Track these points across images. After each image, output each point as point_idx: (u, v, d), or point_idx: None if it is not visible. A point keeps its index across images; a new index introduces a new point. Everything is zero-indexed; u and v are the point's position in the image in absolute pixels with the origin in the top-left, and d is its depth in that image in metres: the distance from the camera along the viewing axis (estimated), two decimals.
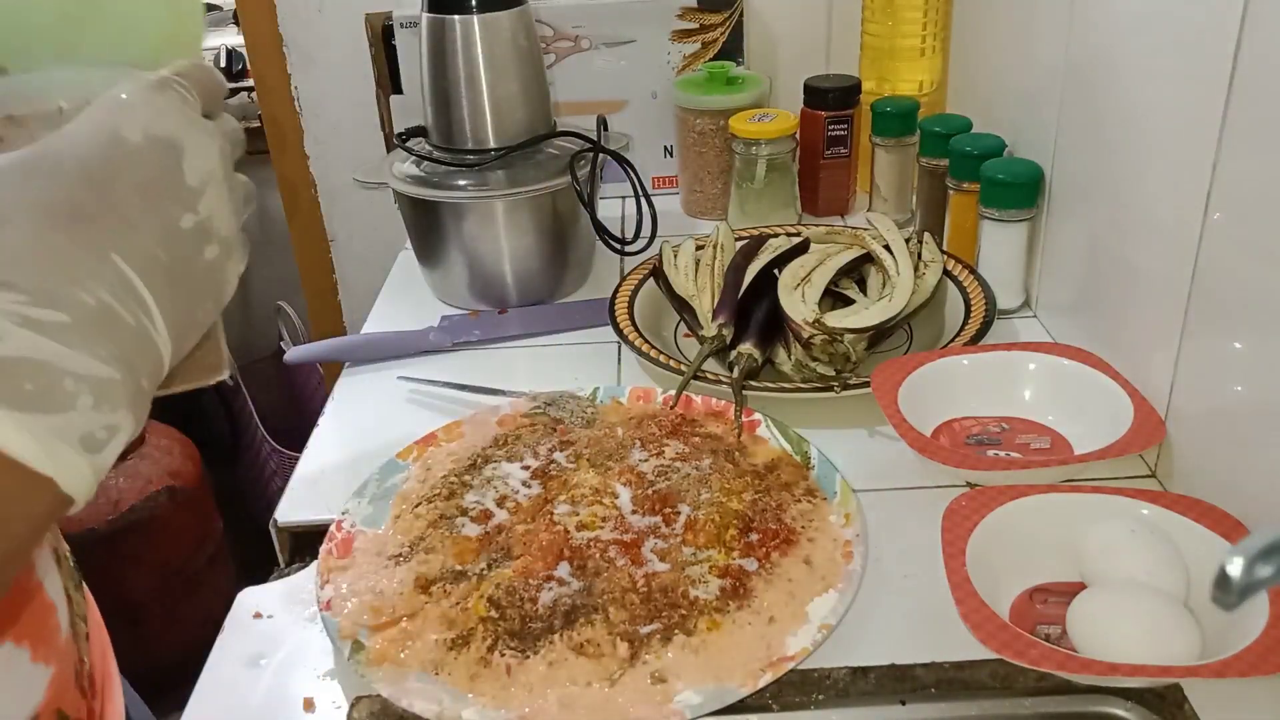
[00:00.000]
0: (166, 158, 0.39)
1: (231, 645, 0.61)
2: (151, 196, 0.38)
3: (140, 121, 0.39)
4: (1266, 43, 0.55)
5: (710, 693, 0.54)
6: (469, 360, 0.91)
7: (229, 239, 0.41)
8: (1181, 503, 0.59)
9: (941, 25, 1.08)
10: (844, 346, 0.77)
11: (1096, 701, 0.54)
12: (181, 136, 0.39)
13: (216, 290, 0.41)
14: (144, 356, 0.36)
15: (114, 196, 0.37)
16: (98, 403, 0.34)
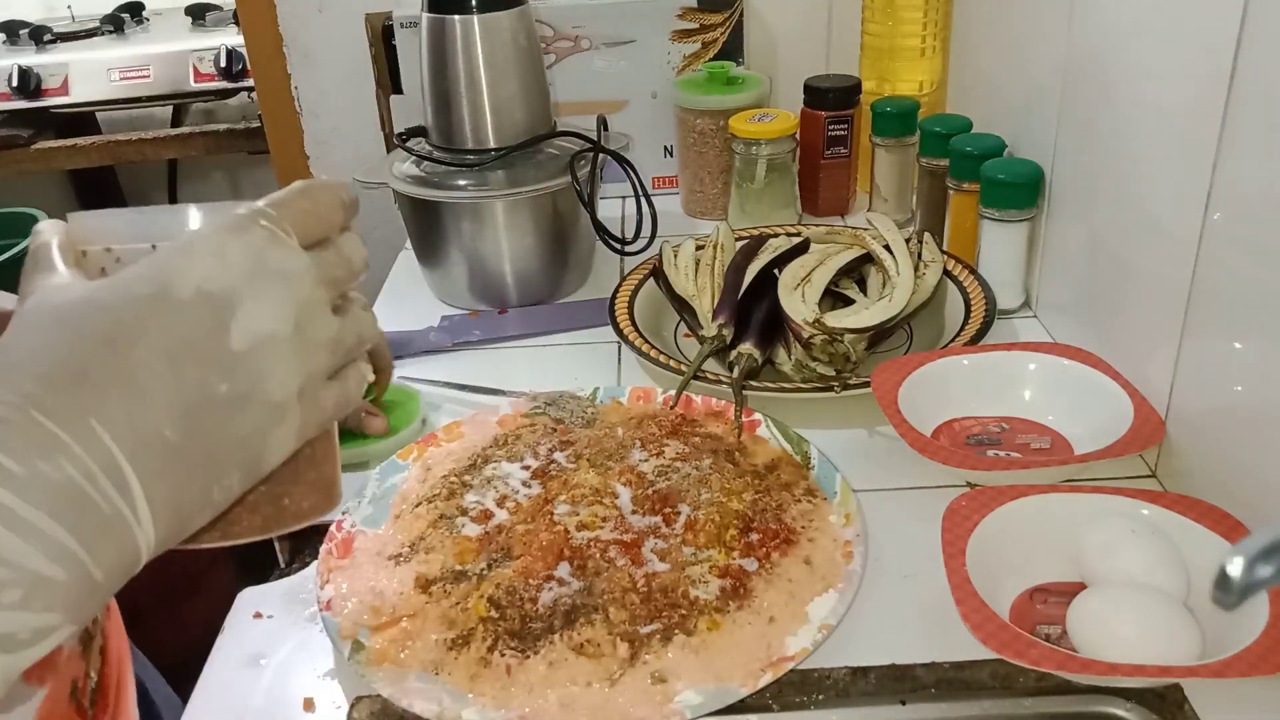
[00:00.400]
0: (213, 317, 0.35)
1: (231, 645, 0.61)
2: (176, 364, 0.34)
3: (198, 273, 0.35)
4: (1266, 43, 0.55)
5: (710, 693, 0.54)
6: (469, 360, 0.91)
7: (281, 403, 0.37)
8: (1181, 503, 0.59)
9: (941, 25, 1.08)
10: (844, 346, 0.77)
11: (1096, 701, 0.54)
12: (241, 292, 0.36)
13: (250, 462, 0.37)
14: (108, 545, 0.32)
15: (131, 360, 0.33)
16: (27, 600, 0.30)
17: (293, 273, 0.37)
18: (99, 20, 2.18)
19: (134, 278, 0.35)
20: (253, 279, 0.36)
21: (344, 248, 0.40)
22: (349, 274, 0.40)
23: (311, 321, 0.38)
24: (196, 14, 2.18)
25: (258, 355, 0.36)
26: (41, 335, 0.34)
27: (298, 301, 0.37)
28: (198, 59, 2.01)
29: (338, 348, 0.39)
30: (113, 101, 2.04)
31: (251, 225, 0.37)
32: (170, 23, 2.23)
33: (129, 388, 0.33)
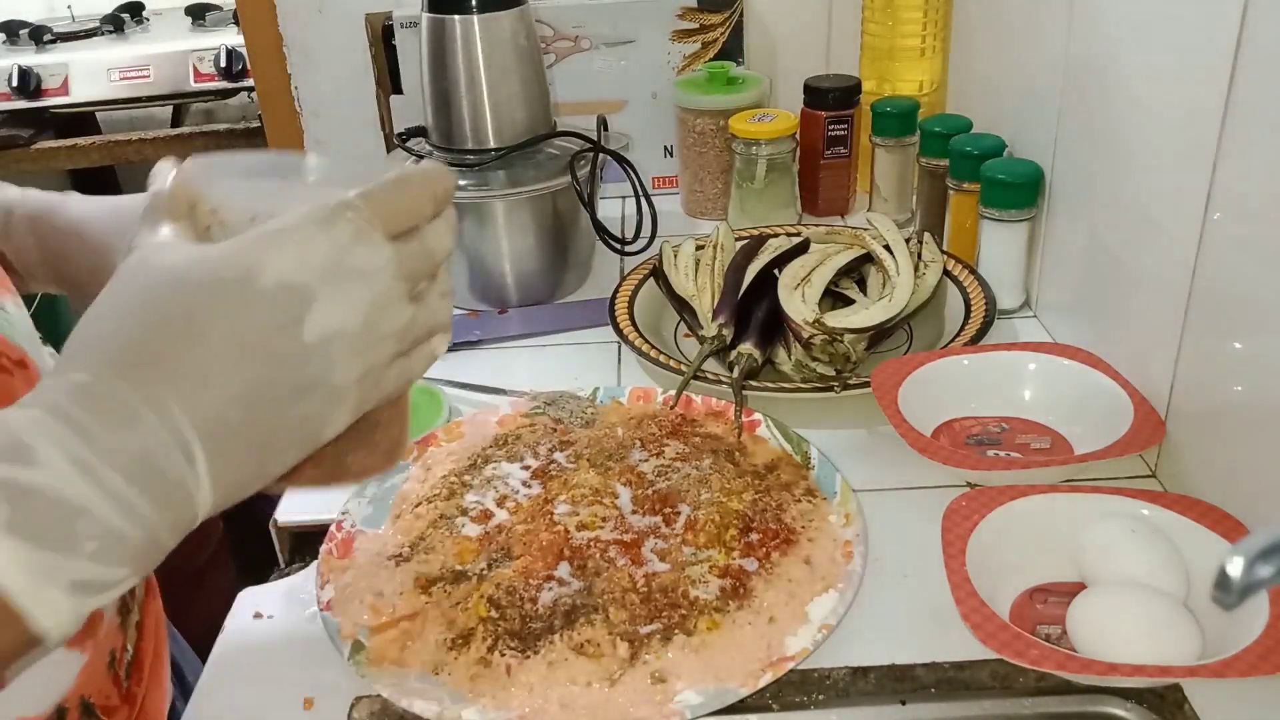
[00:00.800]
0: (289, 310, 0.36)
1: (231, 645, 0.61)
2: (248, 353, 0.36)
3: (282, 265, 0.36)
4: (1266, 43, 0.55)
5: (710, 693, 0.54)
6: (469, 360, 0.91)
7: (343, 389, 0.38)
8: (1181, 503, 0.59)
9: (941, 25, 1.08)
10: (844, 346, 0.77)
11: (1096, 701, 0.54)
12: (319, 287, 0.37)
13: (307, 440, 0.38)
14: (171, 511, 0.35)
15: (205, 346, 0.35)
16: (101, 553, 0.33)
17: (372, 269, 0.38)
18: (99, 20, 2.18)
19: (222, 260, 0.36)
20: (332, 274, 0.37)
21: (428, 238, 0.41)
22: (430, 266, 0.41)
23: (384, 315, 0.39)
24: (196, 14, 2.18)
25: (327, 348, 0.37)
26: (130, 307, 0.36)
27: (373, 296, 0.38)
28: (198, 59, 2.01)
29: (406, 336, 0.40)
30: (113, 101, 2.04)
31: (339, 218, 0.38)
32: (170, 23, 2.23)
33: (201, 372, 0.35)
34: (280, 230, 0.37)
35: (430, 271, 0.41)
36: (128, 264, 0.38)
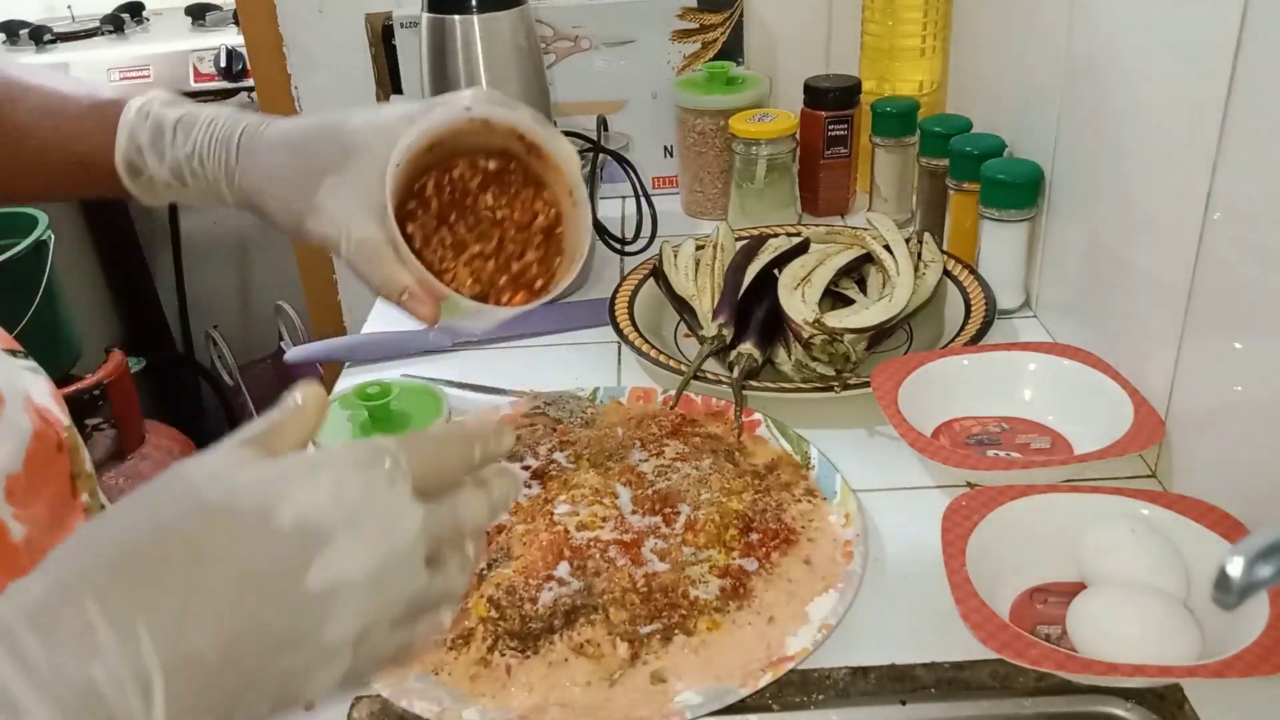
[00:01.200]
0: (300, 553, 0.34)
1: None
2: (245, 591, 0.33)
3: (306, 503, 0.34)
4: (1266, 43, 0.55)
5: (710, 693, 0.54)
6: (469, 360, 0.91)
7: (334, 647, 0.35)
8: (1181, 503, 0.59)
9: (941, 25, 1.08)
10: (844, 346, 0.77)
11: (1096, 701, 0.54)
12: (338, 531, 0.34)
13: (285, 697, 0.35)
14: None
15: (197, 577, 0.32)
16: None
17: (397, 524, 0.36)
18: (99, 20, 2.18)
19: (245, 488, 0.34)
20: (355, 519, 0.35)
21: (460, 506, 0.39)
22: (456, 534, 0.39)
23: (397, 576, 0.36)
24: (196, 14, 2.18)
25: (329, 598, 0.34)
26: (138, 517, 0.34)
27: (390, 552, 0.36)
28: (198, 59, 2.01)
29: (415, 603, 0.37)
30: None
31: (378, 462, 0.36)
32: (170, 23, 2.23)
33: (186, 602, 0.32)
34: (316, 465, 0.35)
35: (455, 539, 0.39)
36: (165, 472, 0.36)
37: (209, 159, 0.58)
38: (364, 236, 0.56)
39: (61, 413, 0.53)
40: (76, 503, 0.51)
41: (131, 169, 0.59)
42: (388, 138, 0.55)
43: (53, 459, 0.50)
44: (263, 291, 2.18)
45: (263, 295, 2.17)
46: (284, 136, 0.58)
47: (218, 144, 0.58)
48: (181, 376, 2.16)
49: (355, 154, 0.56)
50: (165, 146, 0.58)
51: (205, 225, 2.13)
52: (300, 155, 0.57)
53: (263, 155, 0.58)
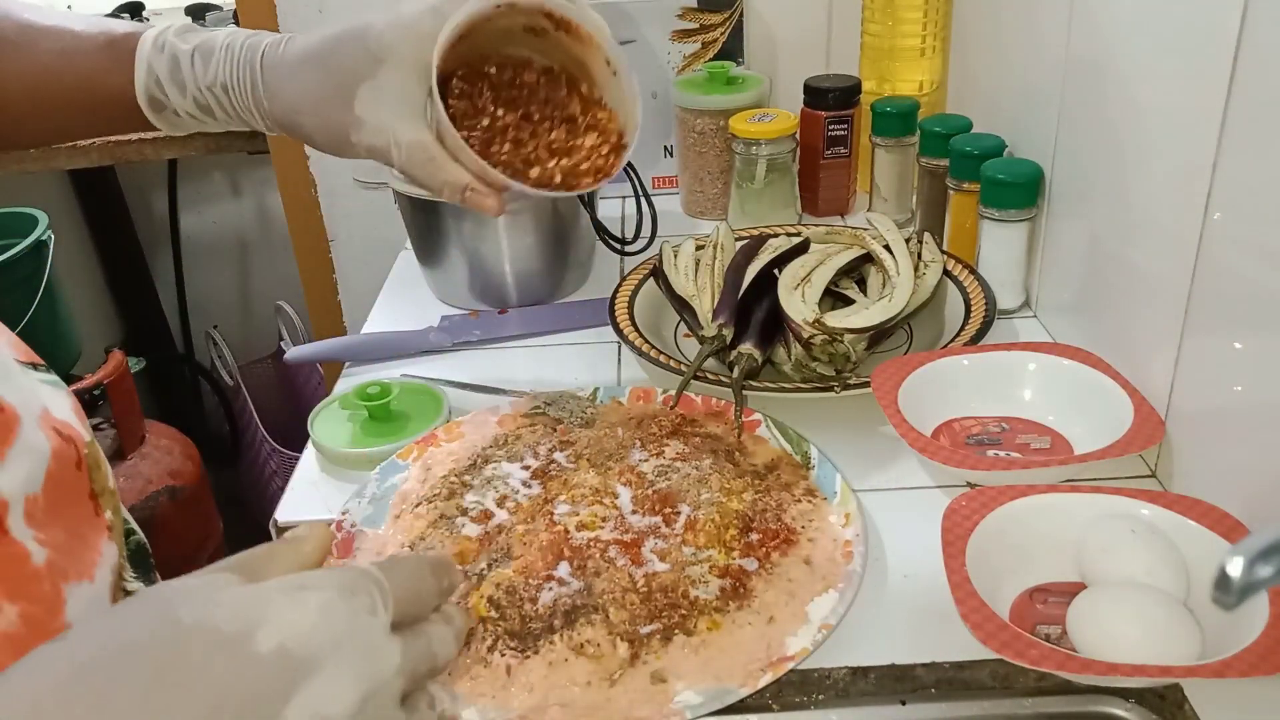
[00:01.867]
0: (279, 682, 0.31)
1: None
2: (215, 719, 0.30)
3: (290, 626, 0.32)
4: (1266, 43, 0.55)
5: (710, 693, 0.54)
6: (469, 360, 0.91)
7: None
8: (1181, 503, 0.59)
9: (941, 25, 1.08)
10: (844, 346, 0.77)
11: (1096, 701, 0.54)
12: (321, 662, 0.32)
13: None
14: None
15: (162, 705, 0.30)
16: None
17: (379, 659, 0.35)
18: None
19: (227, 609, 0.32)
20: (338, 651, 0.33)
21: (435, 641, 0.38)
22: (430, 671, 0.38)
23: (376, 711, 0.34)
24: (196, 14, 2.18)
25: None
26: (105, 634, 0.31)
27: (371, 689, 0.34)
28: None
29: None
30: None
31: (361, 589, 0.35)
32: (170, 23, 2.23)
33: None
34: (300, 587, 0.34)
35: (430, 678, 0.38)
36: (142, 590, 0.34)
37: (234, 87, 0.57)
38: (414, 139, 0.55)
39: (83, 428, 0.52)
40: (100, 520, 0.50)
41: (154, 103, 0.58)
42: (416, 35, 0.55)
43: (72, 478, 0.49)
44: (263, 291, 2.18)
45: (263, 295, 2.17)
46: (308, 52, 0.57)
47: (240, 69, 0.57)
48: (181, 376, 2.16)
49: (386, 57, 0.55)
50: (185, 78, 0.58)
51: (205, 225, 2.13)
52: (329, 70, 0.56)
53: (290, 75, 0.57)
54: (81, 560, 0.47)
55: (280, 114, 0.58)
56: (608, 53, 0.60)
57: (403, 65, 0.55)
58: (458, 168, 0.56)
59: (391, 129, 0.55)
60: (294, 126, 0.58)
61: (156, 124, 0.59)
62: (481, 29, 0.58)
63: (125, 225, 2.06)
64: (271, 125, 0.59)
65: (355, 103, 0.55)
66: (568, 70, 0.64)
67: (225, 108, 0.58)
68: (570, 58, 0.63)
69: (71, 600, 0.45)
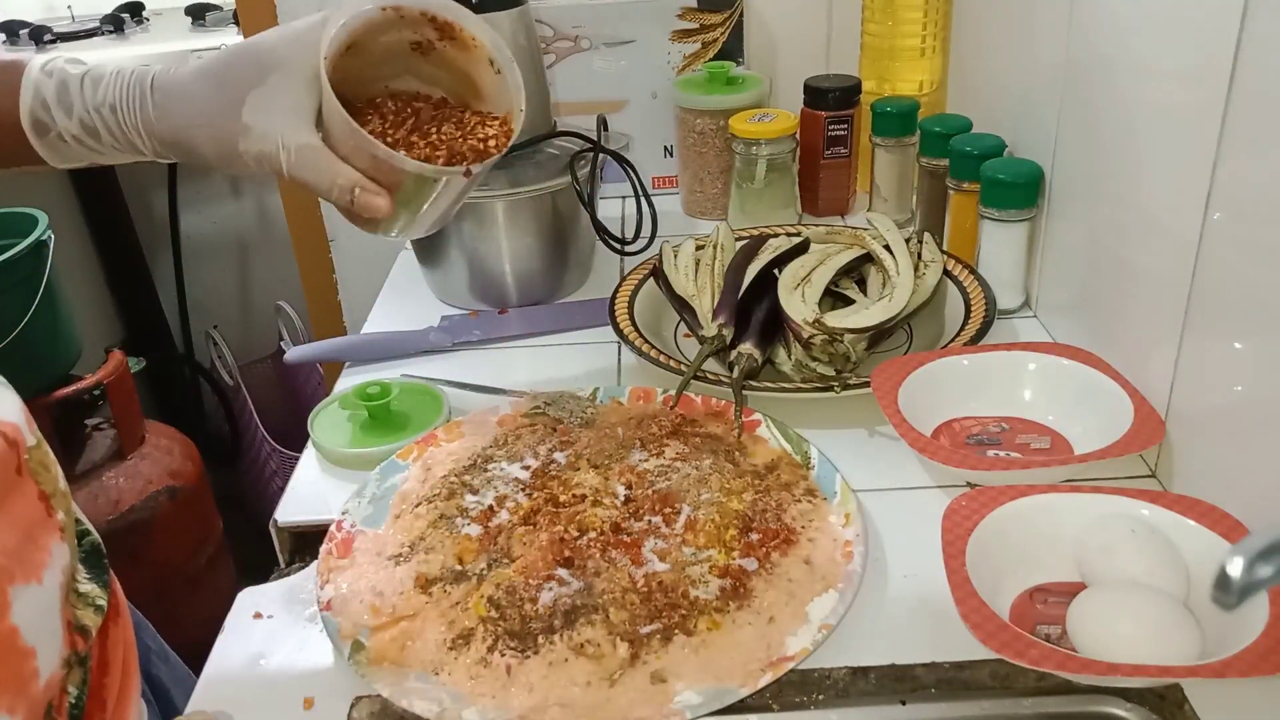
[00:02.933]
0: None
1: (231, 645, 0.61)
2: None
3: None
4: (1266, 43, 0.55)
5: (710, 693, 0.54)
6: (469, 360, 0.91)
7: None
8: (1181, 503, 0.59)
9: (941, 25, 1.08)
10: (844, 346, 0.77)
11: (1096, 701, 0.54)
12: None
13: None
14: None
15: None
16: None
17: None
18: (99, 20, 2.17)
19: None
20: None
21: None
22: None
23: None
24: (196, 14, 2.18)
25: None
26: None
27: None
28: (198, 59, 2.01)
29: None
30: None
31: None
32: (170, 23, 2.23)
33: None
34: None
35: None
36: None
37: (123, 106, 0.57)
38: (302, 142, 0.55)
39: (29, 432, 0.51)
40: (52, 521, 0.50)
41: (38, 126, 0.58)
42: (304, 44, 0.55)
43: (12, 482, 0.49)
44: (263, 291, 2.18)
45: (263, 295, 2.17)
46: (199, 70, 0.58)
47: (130, 89, 0.57)
48: (181, 376, 2.16)
49: (275, 66, 0.56)
50: (73, 100, 0.57)
51: (205, 225, 2.13)
52: (220, 81, 0.57)
53: (180, 92, 0.57)
54: (29, 562, 0.47)
55: (169, 130, 0.58)
56: (491, 53, 0.61)
57: (292, 73, 0.56)
58: (347, 167, 0.57)
59: (279, 133, 0.56)
60: (183, 141, 0.58)
61: (40, 151, 0.59)
62: (369, 45, 0.59)
63: (125, 225, 2.06)
64: (157, 146, 0.59)
65: (244, 110, 0.56)
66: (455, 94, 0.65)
67: (112, 129, 0.58)
68: (457, 75, 0.64)
69: (18, 603, 0.44)
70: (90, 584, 0.53)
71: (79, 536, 0.54)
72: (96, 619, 0.52)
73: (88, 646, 0.51)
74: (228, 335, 2.07)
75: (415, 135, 0.62)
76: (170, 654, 0.76)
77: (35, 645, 0.45)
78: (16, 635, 0.44)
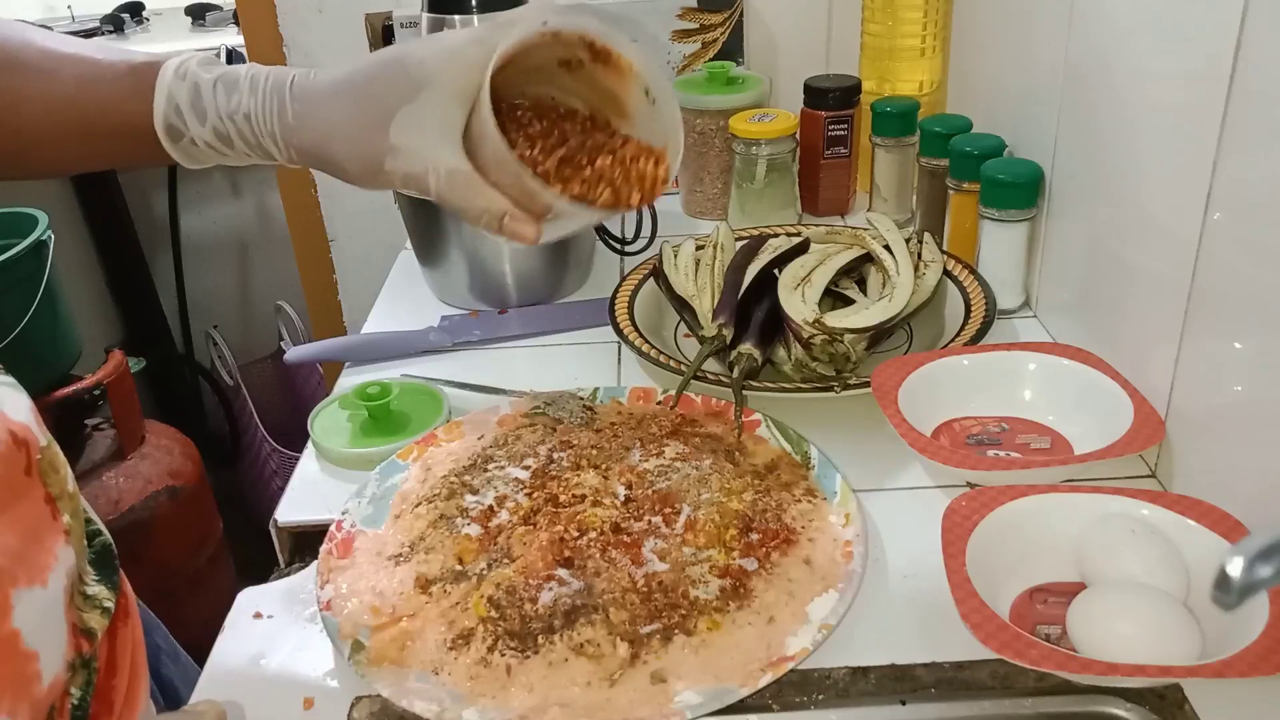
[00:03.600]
0: None
1: (231, 645, 0.61)
2: None
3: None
4: (1266, 43, 0.55)
5: (710, 693, 0.54)
6: (469, 360, 0.91)
7: None
8: (1181, 503, 0.59)
9: (941, 25, 1.08)
10: (844, 346, 0.77)
11: (1096, 701, 0.54)
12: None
13: None
14: None
15: None
16: None
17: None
18: (99, 20, 2.18)
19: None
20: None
21: None
22: None
23: None
24: (196, 14, 2.18)
25: None
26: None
27: None
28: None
29: None
30: None
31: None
32: (170, 23, 2.23)
33: None
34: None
35: None
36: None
37: (259, 114, 0.56)
38: (453, 167, 0.54)
39: (40, 432, 0.51)
40: (57, 524, 0.50)
41: (171, 132, 0.57)
42: (458, 62, 0.53)
43: (20, 484, 0.49)
44: (263, 291, 2.18)
45: (263, 295, 2.17)
46: (343, 81, 0.56)
47: (268, 98, 0.56)
48: (181, 376, 2.16)
49: (427, 84, 0.53)
50: (206, 106, 0.56)
51: (205, 225, 2.13)
52: (366, 95, 0.55)
53: (322, 101, 0.55)
54: (34, 565, 0.47)
55: (309, 142, 0.56)
56: (647, 82, 0.59)
57: (444, 91, 0.53)
58: (496, 194, 0.55)
59: (430, 155, 0.54)
60: (324, 155, 0.56)
61: (173, 154, 0.58)
62: (518, 62, 0.56)
63: (125, 225, 2.06)
64: (295, 155, 0.57)
65: (392, 128, 0.54)
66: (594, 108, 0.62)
67: (246, 137, 0.57)
68: (601, 92, 0.61)
69: (20, 606, 0.44)
70: (99, 585, 0.53)
71: (90, 537, 0.54)
72: (103, 621, 0.52)
73: (93, 649, 0.51)
74: (228, 335, 2.07)
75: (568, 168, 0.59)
76: (181, 653, 0.76)
77: (38, 649, 0.45)
78: (18, 638, 0.44)
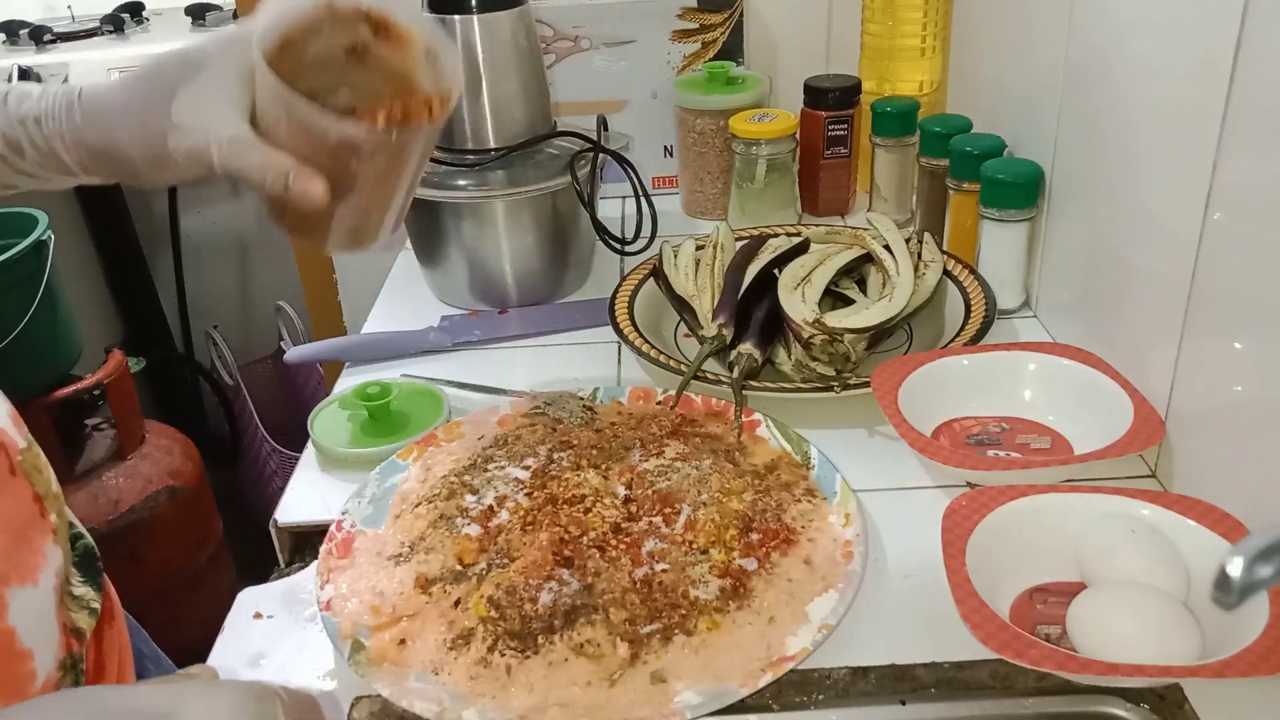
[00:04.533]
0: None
1: (231, 645, 0.61)
2: None
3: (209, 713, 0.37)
4: (1266, 43, 0.55)
5: (710, 693, 0.54)
6: (469, 360, 0.91)
7: None
8: (1181, 503, 0.59)
9: (941, 25, 1.08)
10: (844, 346, 0.77)
11: (1096, 701, 0.54)
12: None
13: None
14: None
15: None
16: None
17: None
18: (99, 20, 2.17)
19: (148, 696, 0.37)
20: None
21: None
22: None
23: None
24: (196, 14, 2.18)
25: None
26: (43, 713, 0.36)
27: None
28: None
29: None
30: None
31: (268, 697, 0.40)
32: (170, 23, 2.23)
33: None
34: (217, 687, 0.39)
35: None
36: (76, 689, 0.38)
37: (48, 116, 0.56)
38: (233, 134, 0.54)
39: (19, 435, 0.51)
40: (45, 524, 0.51)
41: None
42: (235, 42, 0.54)
43: (4, 483, 0.49)
44: (263, 291, 2.18)
45: (263, 295, 2.17)
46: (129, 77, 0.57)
47: (56, 101, 0.56)
48: (181, 376, 2.16)
49: (207, 65, 0.55)
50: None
51: (205, 225, 2.13)
52: (148, 83, 0.55)
53: (107, 98, 0.56)
54: (24, 564, 0.47)
55: (96, 139, 0.56)
56: (426, 44, 0.59)
57: (223, 70, 0.54)
58: (280, 153, 0.54)
59: (211, 126, 0.54)
60: (110, 151, 0.56)
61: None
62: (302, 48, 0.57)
63: (125, 225, 2.06)
64: (83, 157, 0.58)
65: (174, 107, 0.54)
66: None
67: (36, 142, 0.57)
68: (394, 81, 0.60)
69: (14, 605, 0.45)
70: (84, 587, 0.53)
71: (72, 540, 0.54)
72: (91, 621, 0.52)
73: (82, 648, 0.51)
74: (228, 335, 2.07)
75: None
76: (164, 658, 0.76)
77: (32, 647, 0.45)
78: (14, 637, 0.44)
